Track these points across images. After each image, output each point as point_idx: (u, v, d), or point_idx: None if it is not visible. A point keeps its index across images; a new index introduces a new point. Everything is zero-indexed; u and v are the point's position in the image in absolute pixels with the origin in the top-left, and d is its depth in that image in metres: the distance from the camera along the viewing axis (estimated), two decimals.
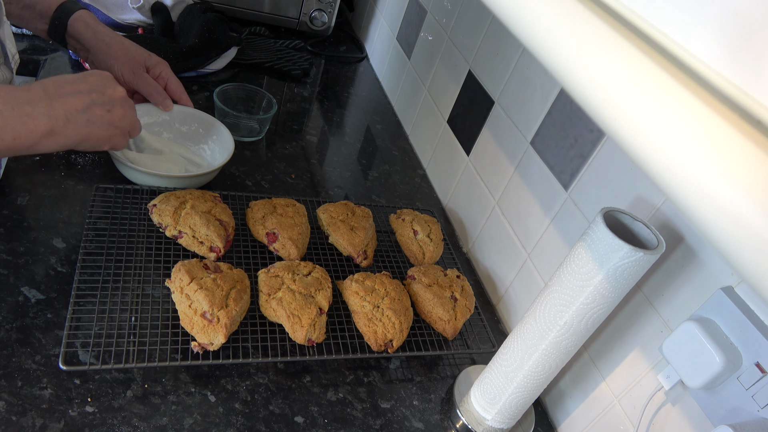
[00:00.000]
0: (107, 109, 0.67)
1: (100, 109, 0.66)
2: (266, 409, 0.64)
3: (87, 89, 0.65)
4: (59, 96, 0.62)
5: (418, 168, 1.15)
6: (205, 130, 0.93)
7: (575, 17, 0.31)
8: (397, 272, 0.87)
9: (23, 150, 0.60)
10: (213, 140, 0.93)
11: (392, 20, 1.36)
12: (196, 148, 0.93)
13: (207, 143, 0.93)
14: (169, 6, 1.12)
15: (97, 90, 0.66)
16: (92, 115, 0.65)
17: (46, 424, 0.55)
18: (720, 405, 0.53)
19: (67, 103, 0.63)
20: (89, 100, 0.65)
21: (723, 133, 0.23)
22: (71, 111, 0.63)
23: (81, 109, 0.64)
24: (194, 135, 0.93)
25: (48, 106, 0.61)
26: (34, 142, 0.60)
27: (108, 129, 0.67)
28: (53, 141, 0.61)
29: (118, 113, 0.68)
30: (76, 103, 0.63)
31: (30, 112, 0.59)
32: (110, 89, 0.68)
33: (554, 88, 0.79)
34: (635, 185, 0.65)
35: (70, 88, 0.64)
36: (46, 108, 0.60)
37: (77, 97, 0.64)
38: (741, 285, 0.53)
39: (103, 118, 0.66)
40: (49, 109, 0.61)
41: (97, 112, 0.66)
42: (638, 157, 0.27)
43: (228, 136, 0.91)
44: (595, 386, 0.69)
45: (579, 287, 0.54)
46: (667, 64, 0.27)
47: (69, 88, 0.64)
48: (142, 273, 0.71)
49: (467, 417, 0.69)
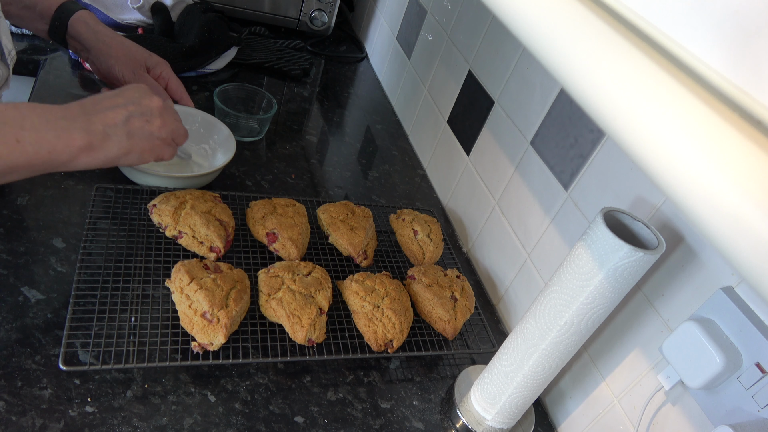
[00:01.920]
0: (146, 120, 0.66)
1: (138, 120, 0.65)
2: (266, 409, 0.64)
3: (124, 102, 0.65)
4: (97, 112, 0.62)
5: (418, 168, 1.15)
6: (206, 129, 0.93)
7: (575, 17, 0.31)
8: (397, 272, 0.87)
9: (61, 165, 0.59)
10: (214, 140, 0.93)
11: (392, 20, 1.36)
12: (198, 147, 0.93)
13: (208, 143, 0.93)
14: (169, 6, 1.12)
15: (134, 102, 0.66)
16: (132, 128, 0.64)
17: (46, 424, 0.55)
18: (720, 405, 0.53)
19: (105, 117, 0.62)
20: (127, 112, 0.64)
21: (723, 133, 0.23)
22: (110, 125, 0.62)
23: (120, 123, 0.63)
24: (195, 134, 0.93)
25: (86, 121, 0.60)
26: (72, 156, 0.59)
27: (149, 140, 0.67)
28: (93, 156, 0.61)
29: (157, 123, 0.67)
30: (114, 116, 0.63)
31: (66, 126, 0.58)
32: (146, 99, 0.67)
33: (554, 88, 0.79)
34: (635, 185, 0.65)
35: (108, 103, 0.64)
36: (84, 123, 0.60)
37: (115, 111, 0.63)
38: (741, 285, 0.53)
39: (143, 129, 0.66)
40: (87, 124, 0.60)
41: (137, 123, 0.65)
42: (638, 158, 0.27)
43: (229, 136, 0.91)
44: (595, 386, 0.69)
45: (579, 287, 0.54)
46: (668, 64, 0.27)
47: (107, 103, 0.64)
48: (142, 273, 0.71)
49: (467, 417, 0.69)
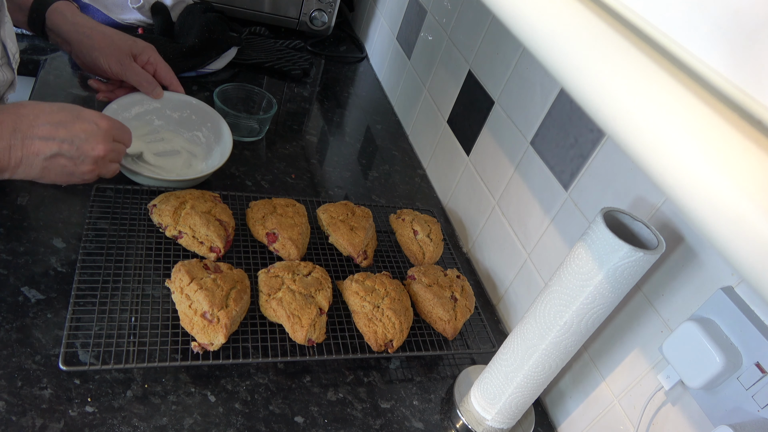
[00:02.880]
0: (74, 163, 0.62)
1: (65, 160, 0.61)
2: (266, 409, 0.64)
3: (63, 137, 0.60)
4: (27, 137, 0.58)
5: (418, 168, 1.15)
6: (197, 116, 0.93)
7: (575, 17, 0.31)
8: (397, 272, 0.87)
9: None
10: (207, 127, 0.93)
11: (392, 20, 1.36)
12: (190, 134, 0.93)
13: (201, 130, 0.93)
14: (169, 6, 1.12)
15: (75, 143, 0.61)
16: (52, 164, 0.61)
17: (46, 424, 0.55)
18: (720, 405, 0.53)
19: (31, 146, 0.59)
20: (57, 149, 0.60)
21: (723, 133, 0.23)
22: (30, 155, 0.59)
23: (42, 157, 0.60)
24: (187, 121, 0.93)
25: (6, 148, 0.57)
26: None
27: (65, 177, 0.63)
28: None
29: (84, 169, 0.63)
30: (40, 148, 0.59)
31: None
32: (89, 145, 0.62)
33: (554, 88, 0.79)
34: (635, 185, 0.65)
35: (45, 131, 0.59)
36: (4, 150, 0.57)
37: (45, 144, 0.59)
38: (741, 285, 0.53)
39: (63, 169, 0.62)
40: (6, 152, 0.57)
41: (61, 162, 0.61)
42: (638, 157, 0.27)
43: (225, 127, 0.90)
44: (595, 386, 0.69)
45: (579, 287, 0.54)
46: (668, 64, 0.27)
47: (44, 131, 0.59)
48: (142, 273, 0.71)
49: (467, 417, 0.69)
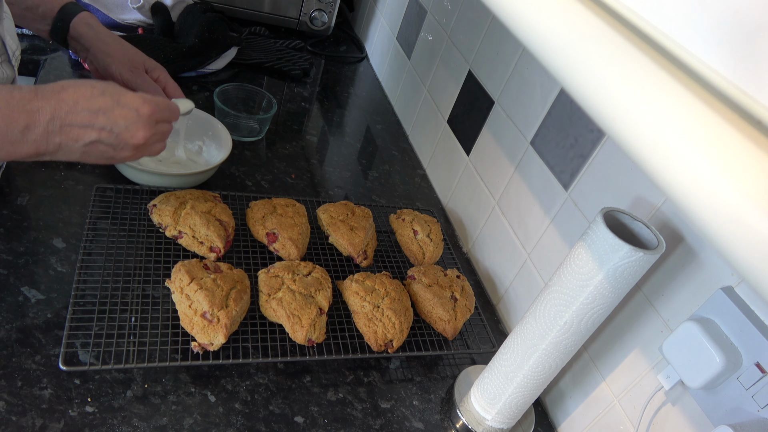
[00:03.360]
0: (113, 149, 0.60)
1: (104, 147, 0.60)
2: (266, 409, 0.64)
3: (102, 125, 0.58)
4: (66, 124, 0.56)
5: (418, 168, 1.15)
6: (199, 126, 0.93)
7: (575, 17, 0.31)
8: (397, 272, 0.87)
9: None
10: (209, 136, 0.93)
11: (392, 20, 1.36)
12: (192, 144, 0.93)
13: (202, 139, 0.93)
14: (169, 6, 1.12)
15: (114, 131, 0.59)
16: (91, 149, 0.59)
17: (46, 424, 0.55)
18: (720, 405, 0.53)
19: (69, 133, 0.57)
20: (96, 136, 0.58)
21: (723, 133, 0.23)
22: (69, 141, 0.57)
23: (82, 143, 0.58)
24: (188, 131, 0.93)
25: (44, 134, 0.55)
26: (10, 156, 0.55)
27: (104, 161, 0.62)
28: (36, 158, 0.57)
29: (124, 155, 0.62)
30: (79, 135, 0.57)
31: (18, 140, 0.54)
32: (129, 133, 0.60)
33: (554, 88, 0.79)
34: (635, 185, 0.65)
35: (84, 118, 0.57)
36: (40, 136, 0.55)
37: (84, 131, 0.57)
38: (741, 285, 0.53)
39: (104, 154, 0.60)
40: (43, 138, 0.55)
41: (100, 148, 0.59)
42: (638, 158, 0.27)
43: (225, 133, 0.91)
44: (595, 386, 0.69)
45: (579, 287, 0.54)
46: (668, 64, 0.27)
47: (83, 118, 0.57)
48: (142, 273, 0.71)
49: (467, 417, 0.69)
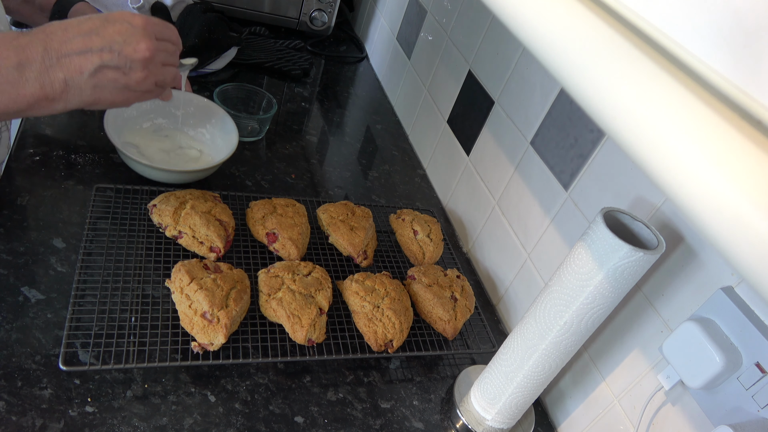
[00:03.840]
0: (122, 72, 0.56)
1: (112, 72, 0.55)
2: (266, 409, 0.64)
3: (100, 46, 0.54)
4: (62, 56, 0.52)
5: (418, 168, 1.15)
6: (201, 113, 0.92)
7: (575, 17, 0.31)
8: (397, 272, 0.87)
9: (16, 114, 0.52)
10: (212, 124, 0.92)
11: (392, 20, 1.36)
12: (195, 132, 0.92)
13: (206, 127, 0.92)
14: (169, 6, 1.12)
15: (114, 48, 0.55)
16: (101, 80, 0.55)
17: (46, 424, 0.55)
18: (720, 405, 0.53)
19: (70, 65, 0.53)
20: (99, 61, 0.54)
21: (723, 133, 0.23)
22: (73, 75, 0.53)
23: (87, 73, 0.53)
24: (191, 119, 0.91)
25: (43, 70, 0.51)
26: (24, 108, 0.52)
27: (122, 93, 0.57)
28: (51, 106, 0.54)
29: (137, 77, 0.57)
30: (81, 65, 0.53)
31: (16, 79, 0.50)
32: (130, 47, 0.56)
33: (554, 88, 0.79)
34: (635, 185, 0.65)
35: (79, 44, 0.53)
36: (40, 73, 0.51)
37: (84, 58, 0.53)
38: (741, 285, 0.53)
39: (115, 83, 0.56)
40: (44, 75, 0.51)
41: (109, 75, 0.55)
42: (638, 158, 0.27)
43: (229, 121, 0.90)
44: (595, 386, 0.69)
45: (579, 287, 0.54)
46: (668, 64, 0.27)
47: (78, 45, 0.53)
48: (142, 273, 0.71)
49: (467, 417, 0.69)
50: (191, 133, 0.92)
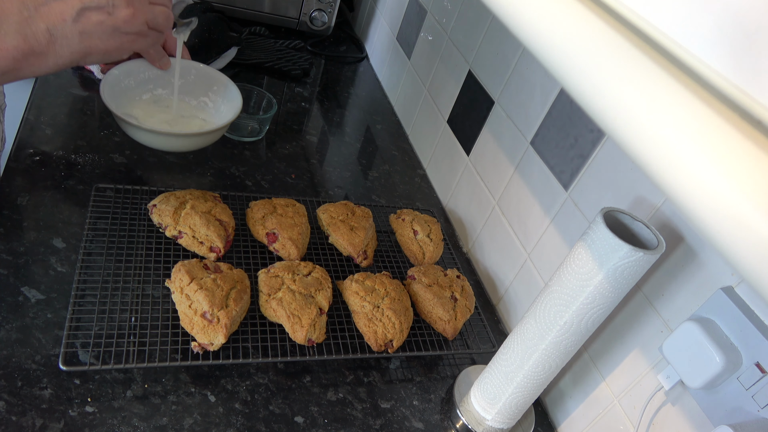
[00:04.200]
0: (106, 12, 0.53)
1: (96, 14, 0.52)
2: (266, 409, 0.64)
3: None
4: (41, 4, 0.50)
5: (418, 168, 1.15)
6: (202, 81, 0.88)
7: (575, 17, 0.31)
8: (397, 272, 0.87)
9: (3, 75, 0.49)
10: (214, 91, 0.88)
11: (392, 20, 1.36)
12: (197, 101, 0.88)
13: (208, 95, 0.88)
14: None
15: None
16: (86, 25, 0.52)
17: (46, 424, 0.55)
18: (720, 405, 0.53)
19: (50, 13, 0.50)
20: (80, 4, 0.51)
21: (723, 133, 0.23)
22: (56, 23, 0.50)
23: (69, 19, 0.51)
24: (192, 88, 0.87)
25: (22, 21, 0.49)
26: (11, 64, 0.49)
27: (113, 37, 0.54)
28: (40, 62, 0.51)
29: (123, 14, 0.54)
30: (62, 11, 0.50)
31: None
32: None
33: (554, 88, 0.79)
34: (635, 185, 0.65)
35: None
36: (19, 24, 0.48)
37: (64, 3, 0.51)
38: (741, 285, 0.53)
39: (102, 25, 0.53)
40: (24, 26, 0.49)
41: (93, 18, 0.52)
42: (638, 158, 0.27)
43: (232, 87, 0.86)
44: (595, 386, 0.69)
45: (579, 287, 0.54)
46: (668, 64, 0.27)
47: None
48: (142, 273, 0.71)
49: (467, 417, 0.69)
50: (193, 102, 0.88)
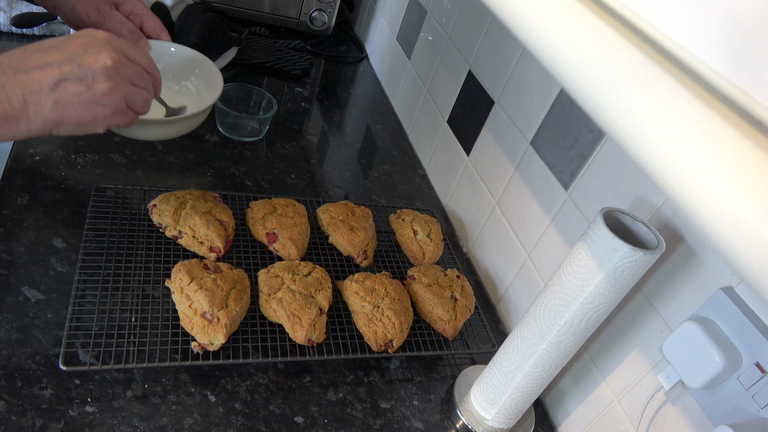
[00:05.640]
0: (85, 85, 0.53)
1: (74, 85, 0.53)
2: (266, 409, 0.64)
3: (60, 59, 0.52)
4: (20, 71, 0.50)
5: (418, 168, 1.15)
6: (184, 64, 0.84)
7: (575, 17, 0.31)
8: (397, 272, 0.87)
9: None
10: (196, 74, 0.85)
11: (392, 20, 1.36)
12: (179, 86, 0.85)
13: (190, 79, 0.85)
14: (169, 6, 1.12)
15: (74, 60, 0.53)
16: (62, 95, 0.52)
17: (46, 424, 0.55)
18: (720, 405, 0.53)
19: (28, 80, 0.51)
20: (59, 74, 0.52)
21: (723, 133, 0.23)
22: (31, 90, 0.51)
23: (46, 88, 0.51)
24: (173, 71, 0.83)
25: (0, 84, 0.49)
26: None
27: (89, 110, 0.54)
28: (12, 128, 0.51)
29: (101, 88, 0.54)
30: (40, 80, 0.51)
31: None
32: (90, 57, 0.53)
33: (554, 88, 0.79)
34: (635, 185, 0.65)
35: (38, 59, 0.52)
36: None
37: (44, 72, 0.51)
38: (741, 285, 0.53)
39: (79, 97, 0.53)
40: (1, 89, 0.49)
41: (71, 89, 0.53)
42: (638, 158, 0.27)
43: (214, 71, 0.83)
44: (595, 386, 0.69)
45: (579, 287, 0.54)
46: (668, 64, 0.27)
47: (36, 60, 0.52)
48: (142, 273, 0.71)
49: (467, 417, 0.69)
50: (175, 87, 0.85)
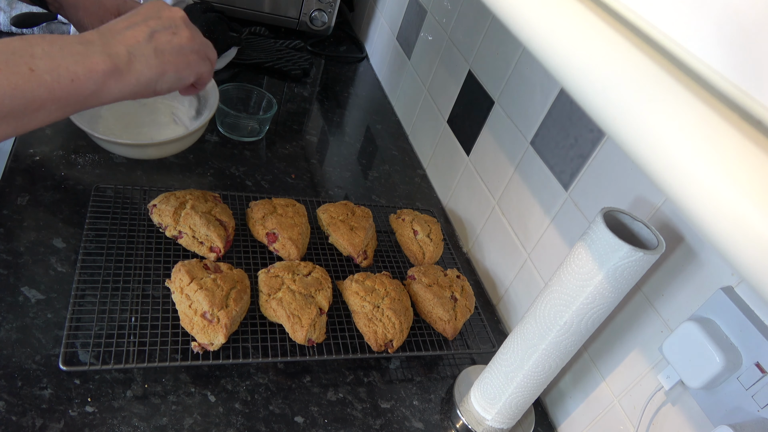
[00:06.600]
0: (172, 32, 0.60)
1: (164, 34, 0.59)
2: (266, 409, 0.64)
3: (143, 18, 0.59)
4: (114, 34, 0.56)
5: (418, 168, 1.15)
6: None
7: (575, 17, 0.31)
8: (397, 272, 0.87)
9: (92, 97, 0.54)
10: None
11: (392, 20, 1.36)
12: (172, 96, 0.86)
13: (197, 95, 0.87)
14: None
15: (153, 16, 0.59)
16: (158, 43, 0.58)
17: (46, 424, 0.55)
18: (720, 405, 0.53)
19: (125, 38, 0.56)
20: (149, 29, 0.58)
21: (723, 133, 0.23)
22: (133, 44, 0.56)
23: (143, 40, 0.57)
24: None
25: (104, 44, 0.55)
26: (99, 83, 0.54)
27: (182, 54, 0.60)
28: (123, 81, 0.56)
29: (185, 34, 0.61)
30: (135, 35, 0.57)
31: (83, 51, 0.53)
32: (166, 11, 0.61)
33: (554, 88, 0.79)
34: (635, 185, 0.65)
35: (123, 24, 0.58)
36: (103, 46, 0.54)
37: (135, 29, 0.57)
38: (741, 285, 0.53)
39: (171, 43, 0.59)
40: (107, 47, 0.54)
41: (163, 38, 0.59)
42: (638, 158, 0.27)
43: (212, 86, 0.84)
44: (595, 386, 0.69)
45: (579, 287, 0.54)
46: (668, 64, 0.27)
47: (123, 24, 0.58)
48: (142, 273, 0.71)
49: (467, 417, 0.69)
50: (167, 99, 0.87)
